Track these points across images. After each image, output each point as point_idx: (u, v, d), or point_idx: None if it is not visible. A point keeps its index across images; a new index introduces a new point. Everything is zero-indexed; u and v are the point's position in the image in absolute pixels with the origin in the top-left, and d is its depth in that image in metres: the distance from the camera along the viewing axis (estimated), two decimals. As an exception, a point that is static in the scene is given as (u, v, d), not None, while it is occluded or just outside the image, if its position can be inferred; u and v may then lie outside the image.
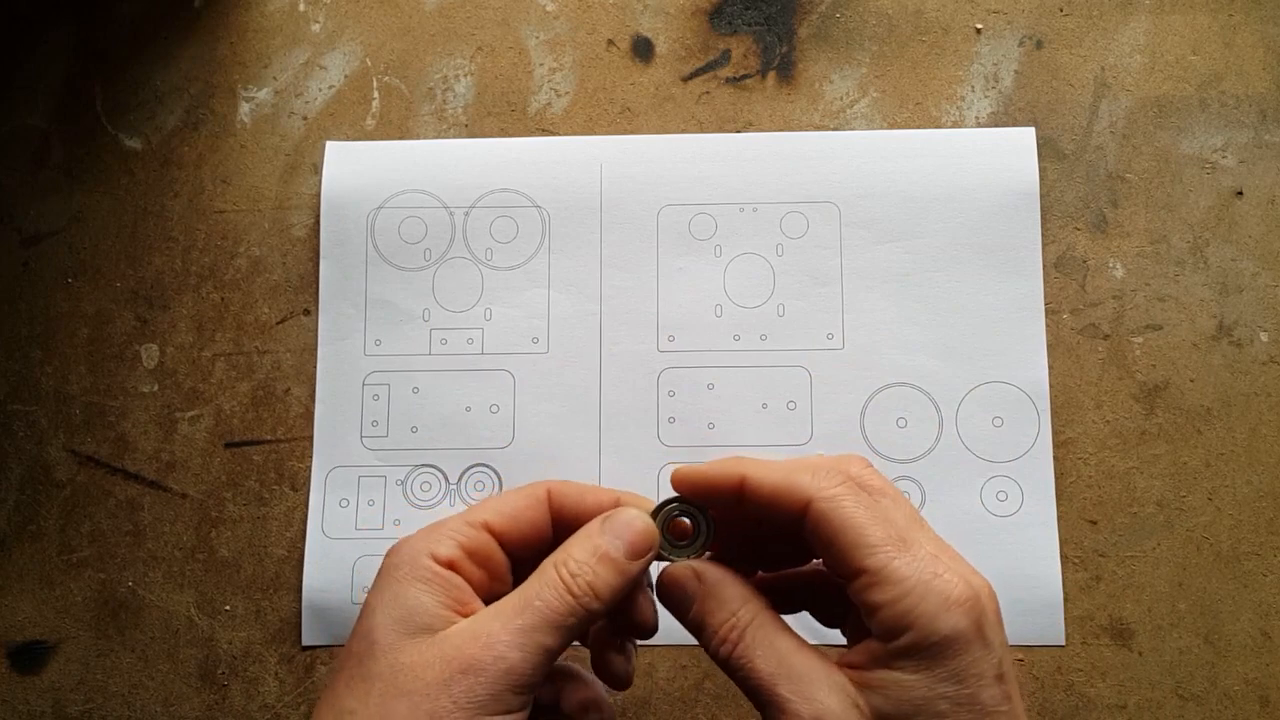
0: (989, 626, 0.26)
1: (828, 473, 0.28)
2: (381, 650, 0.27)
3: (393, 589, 0.28)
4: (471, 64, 0.44)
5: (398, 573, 0.28)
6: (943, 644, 0.25)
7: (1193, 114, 0.42)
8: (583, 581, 0.28)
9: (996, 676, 0.26)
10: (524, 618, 0.27)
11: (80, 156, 0.44)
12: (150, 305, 0.43)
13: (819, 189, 0.42)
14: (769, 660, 0.27)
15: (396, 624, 0.27)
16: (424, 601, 0.28)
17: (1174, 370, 0.41)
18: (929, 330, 0.41)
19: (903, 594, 0.26)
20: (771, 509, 0.28)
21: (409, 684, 0.26)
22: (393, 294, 0.43)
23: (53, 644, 0.41)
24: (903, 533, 0.27)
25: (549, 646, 0.27)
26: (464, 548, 0.29)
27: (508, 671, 0.26)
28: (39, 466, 0.42)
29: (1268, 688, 0.39)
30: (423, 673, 0.26)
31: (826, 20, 0.44)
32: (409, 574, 0.28)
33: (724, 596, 0.28)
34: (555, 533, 0.31)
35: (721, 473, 0.29)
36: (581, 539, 0.29)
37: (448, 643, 0.27)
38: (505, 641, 0.26)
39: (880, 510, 0.27)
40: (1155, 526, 0.40)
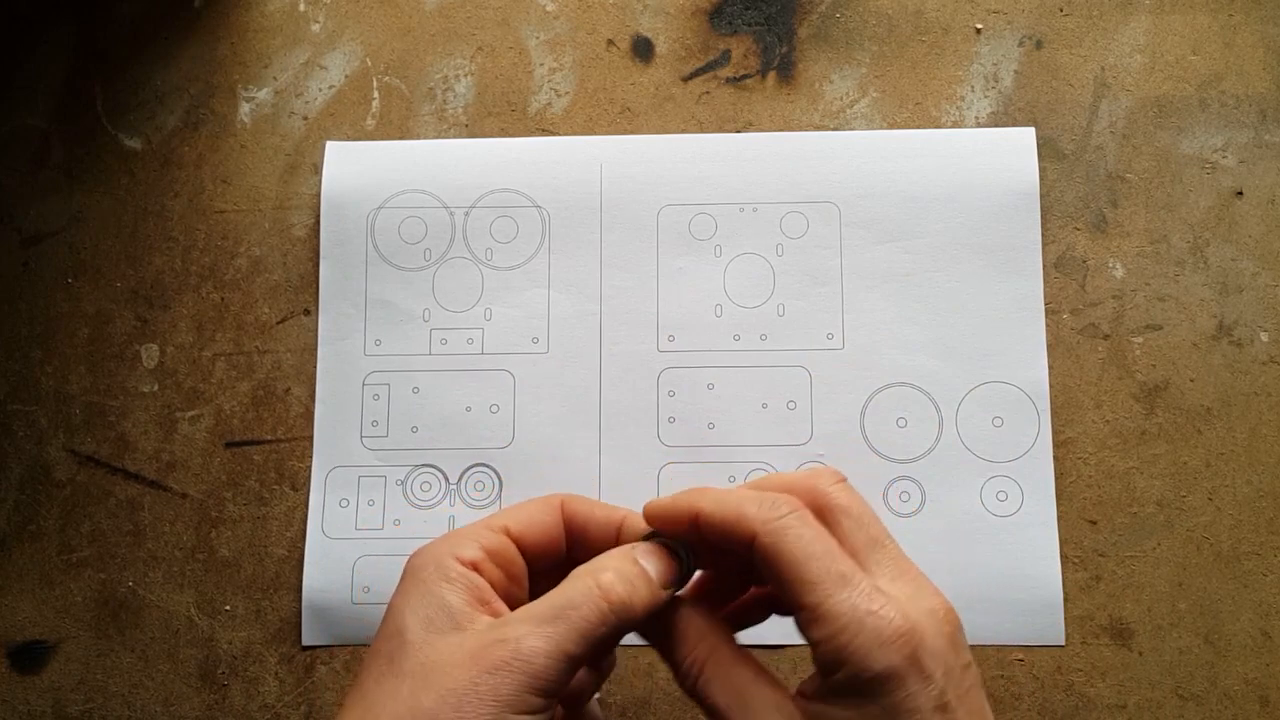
0: (928, 657, 0.26)
1: (775, 503, 0.28)
2: (412, 648, 0.27)
3: (420, 590, 0.29)
4: (472, 64, 0.44)
5: (424, 574, 0.29)
6: (875, 681, 0.26)
7: (1193, 114, 0.42)
8: (621, 590, 0.28)
9: (937, 708, 0.26)
10: (555, 625, 0.27)
11: (80, 156, 0.44)
12: (150, 305, 0.43)
13: (819, 189, 0.42)
14: (725, 693, 0.28)
15: (425, 623, 0.28)
16: (451, 600, 0.28)
17: (1174, 370, 0.41)
18: (929, 330, 0.41)
19: (837, 631, 0.26)
20: (723, 542, 0.29)
21: (438, 680, 0.26)
22: (393, 294, 0.43)
23: (53, 644, 0.41)
24: (848, 565, 0.27)
25: (574, 654, 0.27)
26: (486, 550, 0.30)
27: (534, 675, 0.26)
28: (39, 466, 0.42)
29: (1268, 688, 0.39)
30: (452, 669, 0.27)
31: (826, 20, 0.44)
32: (435, 575, 0.29)
33: (686, 633, 0.29)
34: (567, 543, 0.31)
35: (675, 507, 0.30)
36: (618, 556, 0.29)
37: (477, 641, 0.27)
38: (534, 646, 0.27)
39: (827, 541, 0.27)
40: (1155, 526, 0.40)
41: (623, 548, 0.30)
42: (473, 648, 0.27)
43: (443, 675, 0.26)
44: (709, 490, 0.30)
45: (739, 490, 0.29)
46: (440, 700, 0.26)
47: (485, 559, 0.29)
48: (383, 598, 0.41)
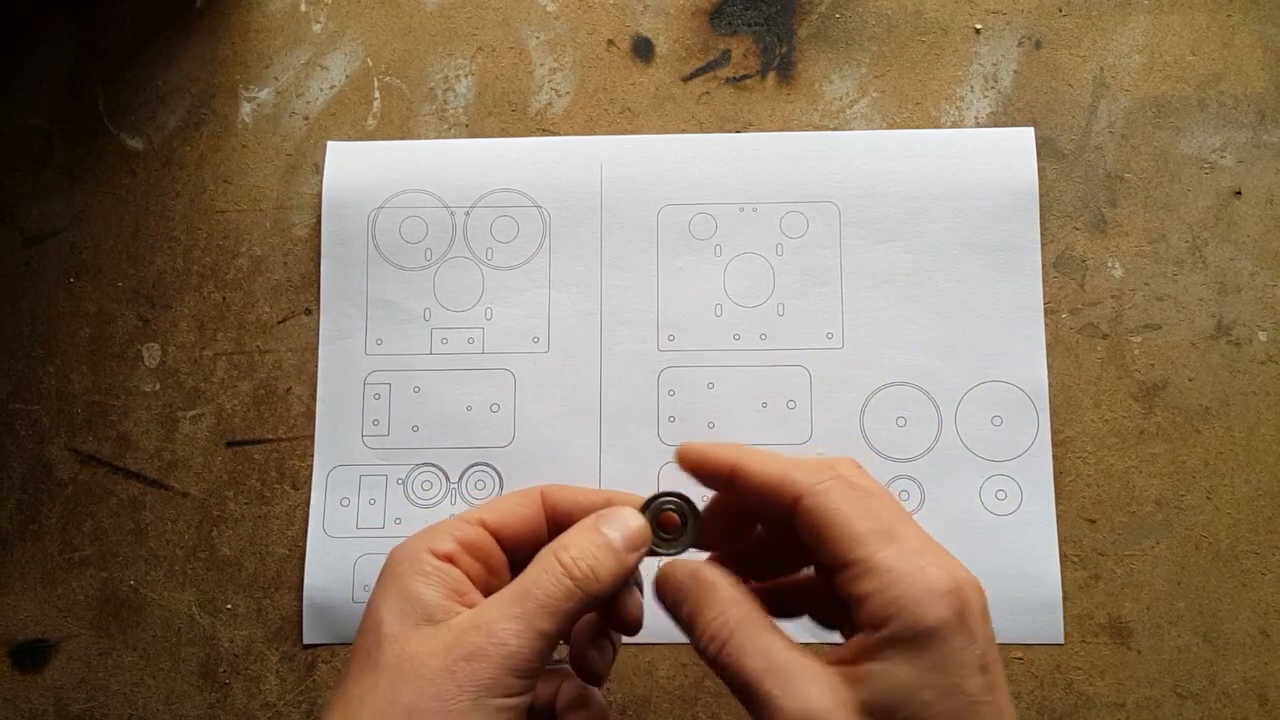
0: (973, 618, 0.26)
1: (819, 469, 0.28)
2: (388, 641, 0.27)
3: (396, 584, 0.29)
4: (472, 64, 0.44)
5: (399, 569, 0.29)
6: (926, 633, 0.26)
7: (1191, 114, 0.42)
8: (584, 565, 0.28)
9: (980, 667, 0.26)
10: (523, 605, 0.27)
11: (82, 156, 0.44)
12: (152, 305, 0.43)
13: (819, 189, 0.42)
14: (757, 658, 0.27)
15: (401, 616, 0.28)
16: (426, 594, 0.28)
17: (1172, 369, 0.41)
18: (928, 330, 0.41)
19: (888, 584, 0.26)
20: (763, 499, 0.29)
21: (415, 670, 0.27)
22: (394, 293, 0.43)
23: (54, 642, 0.41)
24: (890, 527, 0.27)
25: (546, 632, 0.27)
26: (461, 542, 0.30)
27: (508, 656, 0.27)
28: (41, 465, 0.42)
29: (1266, 686, 0.39)
30: (428, 659, 0.27)
31: (826, 20, 0.44)
32: (410, 569, 0.29)
33: (716, 596, 0.29)
34: (550, 532, 0.31)
35: (716, 457, 0.30)
36: (580, 530, 0.30)
37: (450, 631, 0.27)
38: (505, 628, 0.27)
39: (869, 506, 0.28)
40: (1154, 525, 0.40)
41: (589, 518, 0.30)
42: (447, 638, 0.27)
43: (419, 666, 0.27)
44: (750, 449, 0.30)
45: (781, 456, 0.29)
46: (419, 691, 0.26)
47: (460, 551, 0.30)
48: (384, 596, 0.41)
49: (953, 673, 0.26)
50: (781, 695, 0.26)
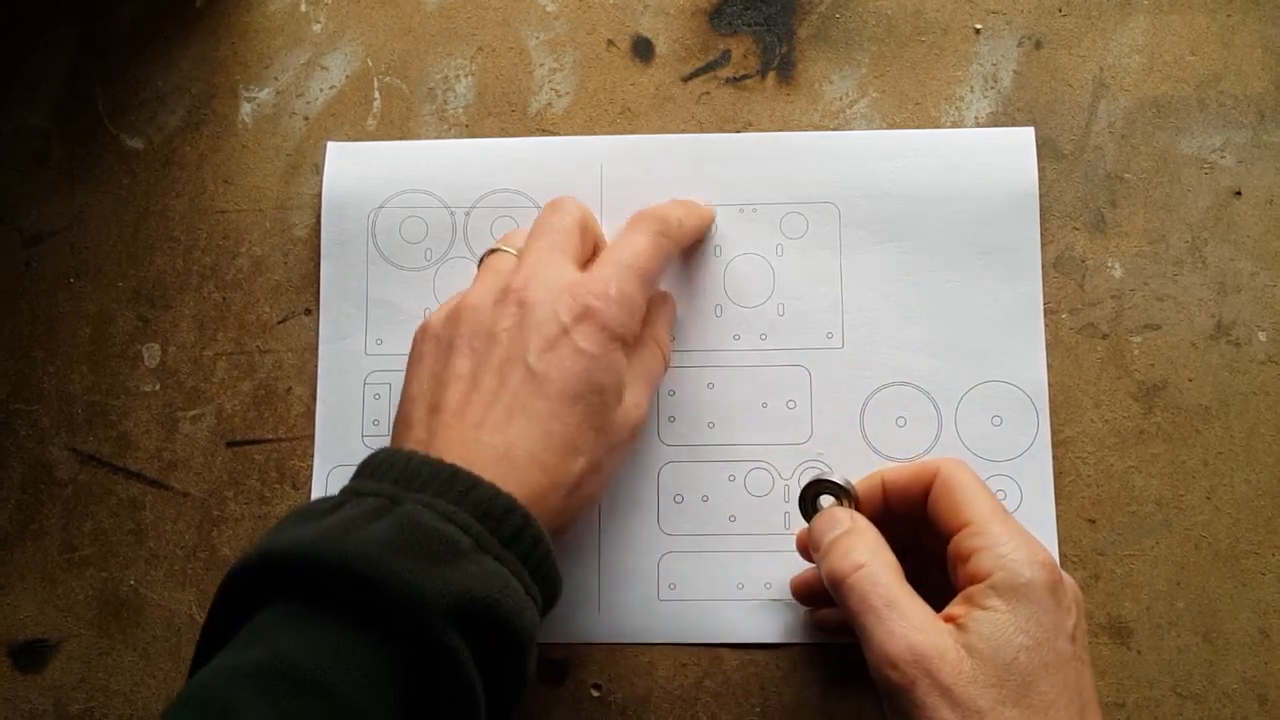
0: (1063, 594, 0.31)
1: (946, 459, 0.35)
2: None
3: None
4: (472, 64, 0.44)
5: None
6: (1025, 587, 0.30)
7: (1191, 114, 0.42)
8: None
9: (1070, 637, 0.30)
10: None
11: (81, 156, 0.44)
12: (152, 305, 0.43)
13: (819, 189, 0.42)
14: (883, 591, 0.31)
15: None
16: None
17: (1172, 370, 0.41)
18: (928, 330, 0.41)
19: (997, 543, 0.31)
20: (906, 488, 0.35)
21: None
22: (394, 294, 0.43)
23: (54, 642, 0.42)
24: (1002, 511, 0.33)
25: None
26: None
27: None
28: (41, 466, 0.42)
29: (1266, 686, 0.39)
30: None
31: (826, 20, 0.44)
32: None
33: (866, 533, 0.34)
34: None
35: (867, 483, 0.37)
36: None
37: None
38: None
39: (987, 491, 0.34)
40: (1154, 525, 0.40)
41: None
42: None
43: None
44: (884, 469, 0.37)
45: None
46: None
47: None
48: (384, 596, 0.41)
49: (1045, 628, 0.30)
50: (898, 627, 0.30)
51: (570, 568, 0.40)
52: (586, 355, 0.33)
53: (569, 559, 0.40)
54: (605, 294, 0.34)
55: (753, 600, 0.40)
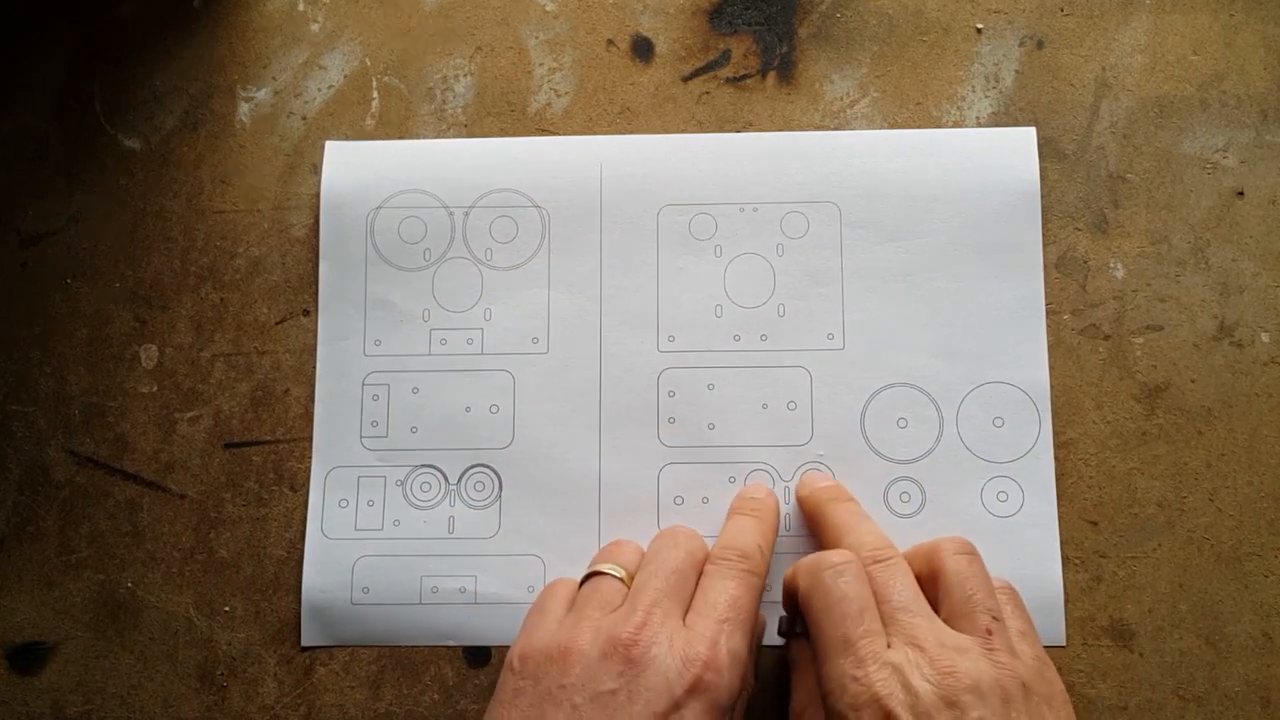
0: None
1: (827, 557, 0.35)
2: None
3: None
4: (471, 64, 0.44)
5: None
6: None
7: (1194, 114, 0.42)
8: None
9: None
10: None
11: (79, 157, 0.44)
12: (149, 306, 0.43)
13: (819, 189, 0.42)
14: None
15: None
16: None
17: (1175, 371, 0.41)
18: (929, 330, 0.41)
19: (825, 692, 0.32)
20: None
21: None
22: (392, 294, 0.42)
23: (51, 645, 0.41)
24: (860, 629, 0.33)
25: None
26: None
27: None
28: (38, 467, 0.42)
29: (1269, 689, 0.39)
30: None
31: (827, 20, 0.44)
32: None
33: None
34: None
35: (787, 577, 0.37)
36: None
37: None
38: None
39: (851, 604, 0.33)
40: (1156, 527, 0.40)
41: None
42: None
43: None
44: (832, 514, 0.38)
45: (846, 532, 0.37)
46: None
47: None
48: (382, 598, 0.41)
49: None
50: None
51: (570, 571, 0.40)
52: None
53: (570, 561, 0.40)
54: (718, 663, 0.33)
55: (753, 602, 0.40)
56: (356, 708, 0.40)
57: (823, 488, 0.39)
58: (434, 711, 0.40)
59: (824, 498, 0.39)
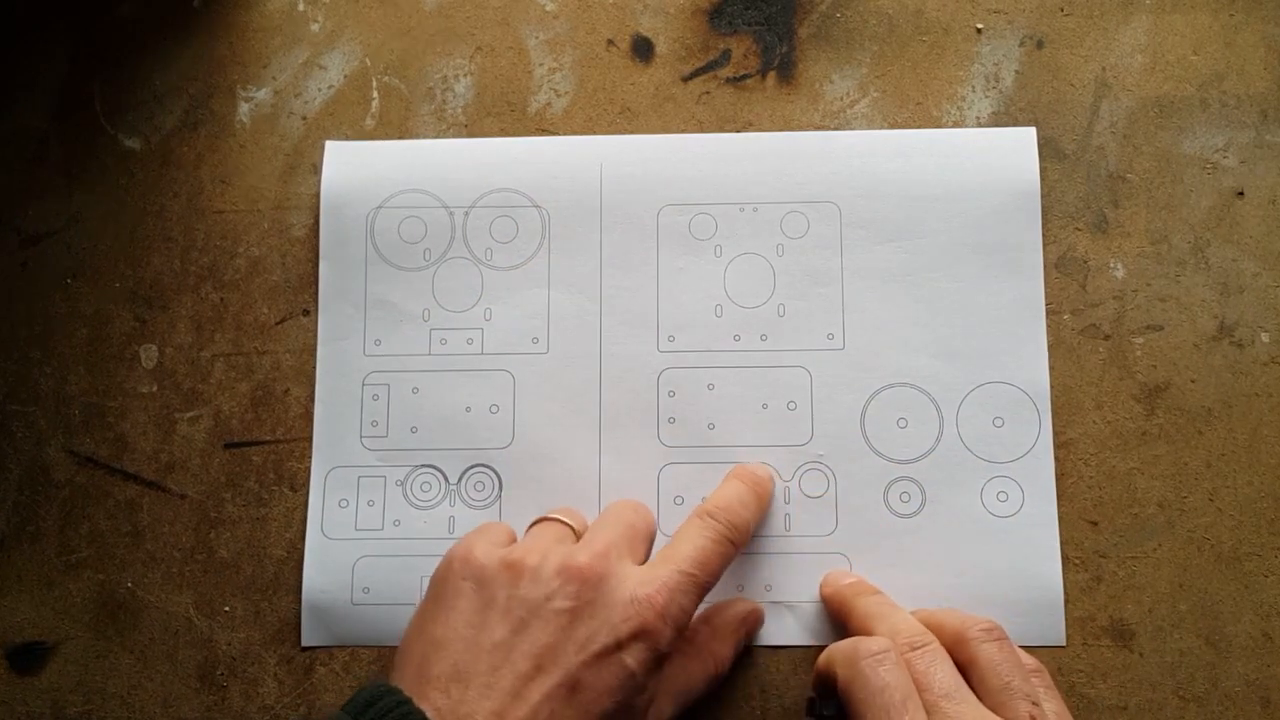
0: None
1: (867, 645, 0.34)
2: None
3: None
4: (471, 64, 0.44)
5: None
6: None
7: (1194, 114, 0.42)
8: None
9: None
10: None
11: (79, 156, 0.44)
12: (149, 306, 0.43)
13: (819, 189, 0.42)
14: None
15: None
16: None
17: (1175, 371, 0.41)
18: (929, 330, 0.41)
19: None
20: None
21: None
22: (392, 294, 0.42)
23: (51, 645, 0.41)
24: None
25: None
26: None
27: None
28: (38, 467, 0.42)
29: (1269, 689, 0.39)
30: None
31: (827, 20, 0.44)
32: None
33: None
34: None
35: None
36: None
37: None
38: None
39: (890, 694, 0.32)
40: (1156, 527, 0.40)
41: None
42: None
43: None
44: (859, 607, 0.38)
45: (878, 620, 0.36)
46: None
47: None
48: (382, 598, 0.41)
49: None
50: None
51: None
52: (629, 674, 0.32)
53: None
54: (665, 612, 0.33)
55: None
56: (356, 708, 0.40)
57: (847, 584, 0.39)
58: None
59: (850, 593, 0.38)
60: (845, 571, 0.40)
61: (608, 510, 0.38)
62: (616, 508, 0.38)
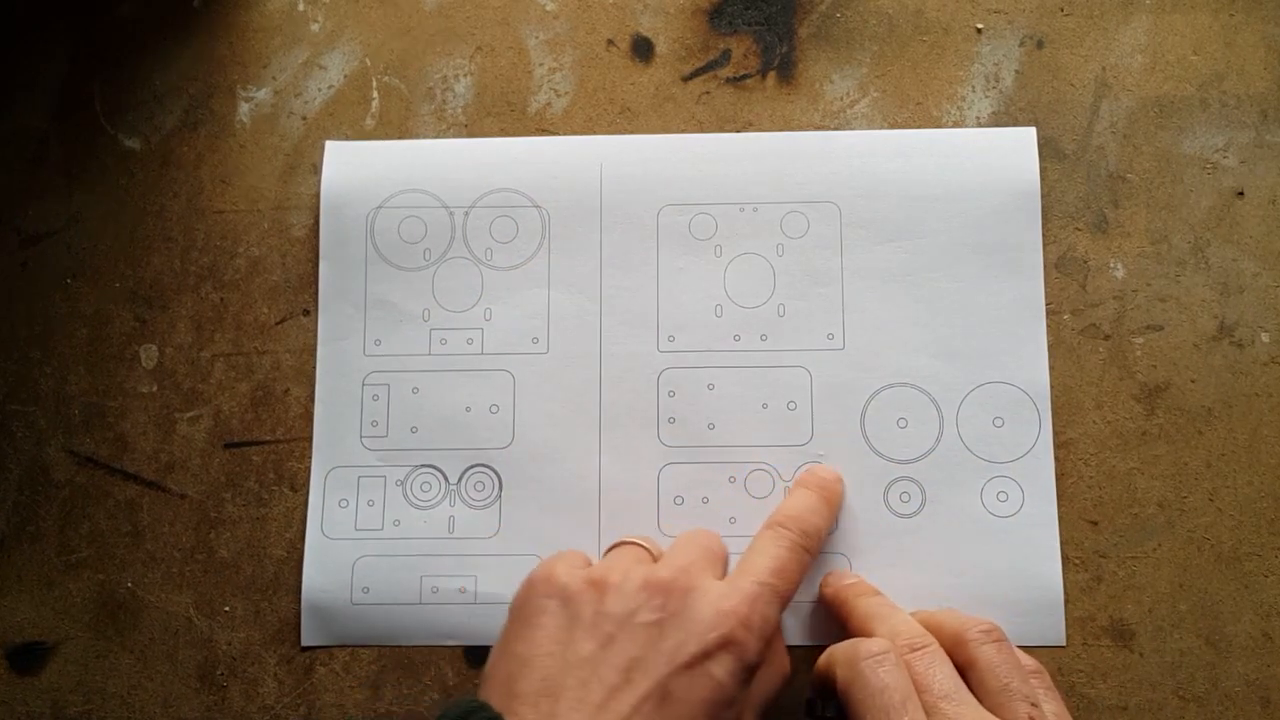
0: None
1: (865, 645, 0.34)
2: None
3: None
4: (471, 64, 0.44)
5: None
6: None
7: (1194, 114, 0.42)
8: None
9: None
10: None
11: (79, 157, 0.44)
12: (149, 305, 0.43)
13: (819, 189, 0.42)
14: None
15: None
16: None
17: (1175, 371, 0.41)
18: (929, 330, 0.41)
19: None
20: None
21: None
22: (392, 294, 0.42)
23: (51, 645, 0.41)
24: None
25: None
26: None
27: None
28: (38, 467, 0.42)
29: (1269, 688, 0.39)
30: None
31: (827, 20, 0.44)
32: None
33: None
34: None
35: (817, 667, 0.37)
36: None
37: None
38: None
39: (888, 695, 0.32)
40: (1156, 527, 0.40)
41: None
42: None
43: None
44: (860, 607, 0.38)
45: (876, 620, 0.36)
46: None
47: None
48: (382, 598, 0.41)
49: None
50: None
51: (570, 570, 0.40)
52: (718, 686, 0.32)
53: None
54: (750, 622, 0.33)
55: (753, 602, 0.40)
56: (356, 708, 0.40)
57: (847, 585, 0.39)
58: (434, 712, 0.40)
59: (850, 594, 0.38)
60: (845, 572, 0.40)
61: (680, 537, 0.37)
62: (689, 534, 0.37)
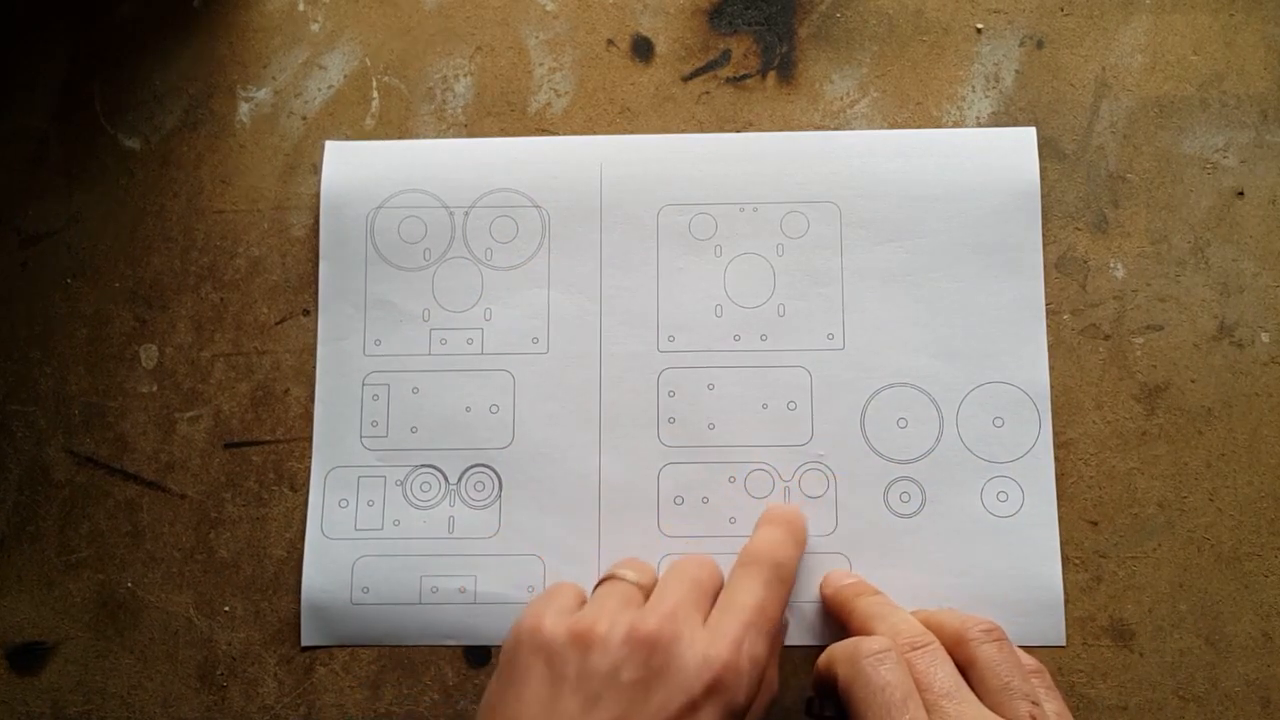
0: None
1: (868, 644, 0.34)
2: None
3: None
4: (471, 64, 0.44)
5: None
6: None
7: (1194, 114, 0.42)
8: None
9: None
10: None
11: (79, 156, 0.44)
12: (149, 305, 0.43)
13: (819, 189, 0.42)
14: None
15: None
16: None
17: (1175, 371, 0.41)
18: (929, 330, 0.41)
19: None
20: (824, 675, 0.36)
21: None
22: (392, 294, 0.42)
23: (51, 645, 0.41)
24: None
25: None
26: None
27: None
28: (38, 467, 0.42)
29: (1269, 689, 0.39)
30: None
31: (827, 20, 0.44)
32: None
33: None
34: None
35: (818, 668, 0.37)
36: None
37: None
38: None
39: (889, 692, 0.33)
40: (1156, 527, 0.40)
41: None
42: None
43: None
44: (860, 607, 0.38)
45: (877, 619, 0.37)
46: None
47: None
48: (382, 598, 0.41)
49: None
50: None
51: (570, 571, 0.40)
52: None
53: (570, 561, 0.40)
54: (737, 665, 0.33)
55: (753, 602, 0.40)
56: (356, 708, 0.40)
57: (848, 584, 0.39)
58: (434, 711, 0.40)
59: (850, 594, 0.38)
60: (845, 571, 0.40)
61: (674, 566, 0.37)
62: (682, 564, 0.37)
